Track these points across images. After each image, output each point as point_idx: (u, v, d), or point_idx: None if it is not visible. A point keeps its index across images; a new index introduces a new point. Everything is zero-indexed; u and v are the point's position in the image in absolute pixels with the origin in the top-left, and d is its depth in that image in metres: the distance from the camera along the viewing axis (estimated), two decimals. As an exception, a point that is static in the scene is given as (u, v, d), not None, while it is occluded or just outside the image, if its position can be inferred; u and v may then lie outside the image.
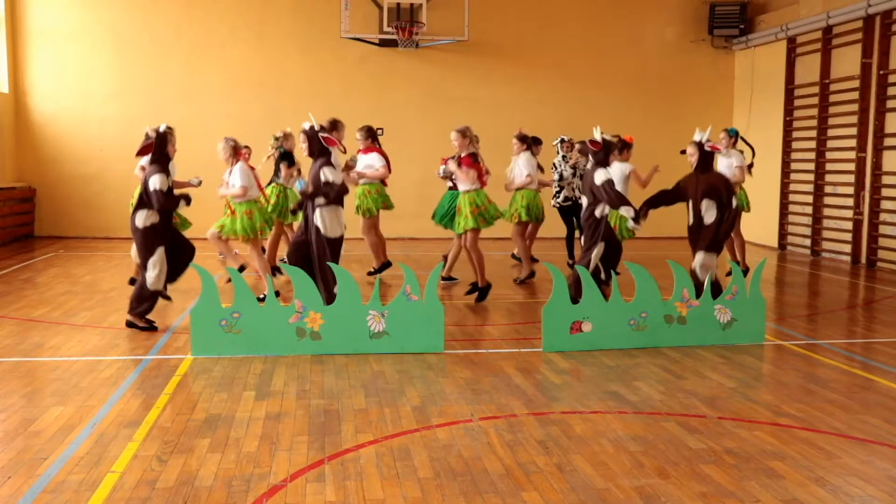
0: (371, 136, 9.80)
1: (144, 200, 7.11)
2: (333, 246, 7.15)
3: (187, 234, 7.97)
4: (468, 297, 8.88)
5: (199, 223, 9.94)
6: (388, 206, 9.93)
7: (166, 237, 7.22)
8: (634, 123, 15.20)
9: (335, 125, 8.87)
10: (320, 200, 7.08)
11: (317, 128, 7.20)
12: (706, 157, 7.40)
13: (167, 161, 7.22)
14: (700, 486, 3.99)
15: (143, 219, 7.11)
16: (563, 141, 10.98)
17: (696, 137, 7.46)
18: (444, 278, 9.66)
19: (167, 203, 7.08)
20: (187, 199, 7.26)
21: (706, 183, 7.30)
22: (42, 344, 6.78)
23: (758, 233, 15.24)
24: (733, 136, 10.48)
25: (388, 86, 15.23)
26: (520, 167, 9.80)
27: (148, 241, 7.14)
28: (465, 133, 8.67)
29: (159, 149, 7.15)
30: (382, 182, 9.87)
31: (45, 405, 5.15)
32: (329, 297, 6.75)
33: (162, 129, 7.17)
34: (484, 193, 8.69)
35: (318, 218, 7.11)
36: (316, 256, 7.14)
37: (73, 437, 4.58)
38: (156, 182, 7.01)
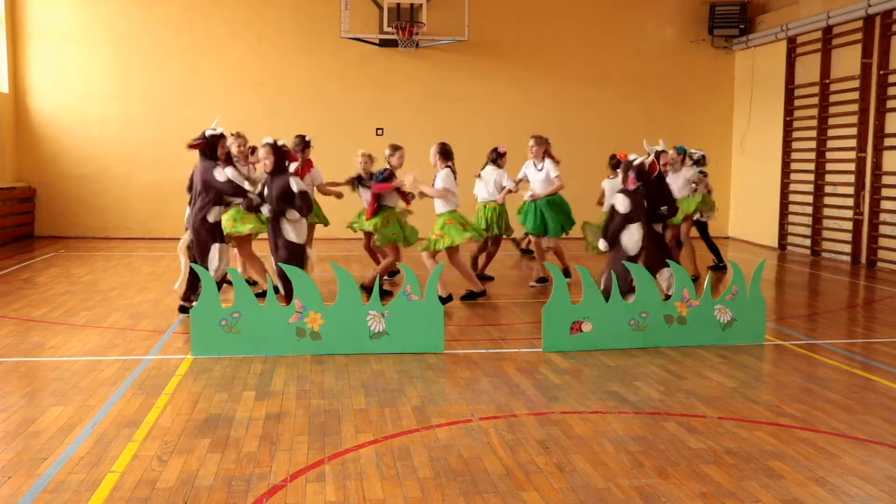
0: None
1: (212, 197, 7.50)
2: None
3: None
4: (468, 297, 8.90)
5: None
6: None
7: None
8: (634, 124, 15.22)
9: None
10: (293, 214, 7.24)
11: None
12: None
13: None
14: (700, 486, 3.99)
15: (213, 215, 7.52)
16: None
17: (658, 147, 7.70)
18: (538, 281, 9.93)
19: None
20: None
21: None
22: (42, 344, 6.78)
23: (758, 233, 15.25)
24: (682, 153, 10.32)
25: (388, 86, 15.23)
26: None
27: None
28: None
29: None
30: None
31: (45, 405, 5.15)
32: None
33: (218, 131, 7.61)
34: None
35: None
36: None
37: (73, 437, 4.58)
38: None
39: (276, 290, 6.59)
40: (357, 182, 9.27)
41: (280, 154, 7.29)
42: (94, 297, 8.84)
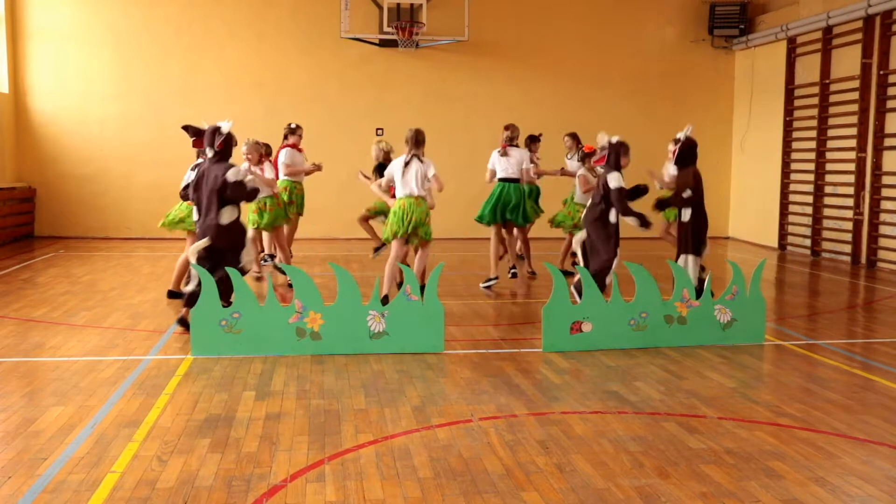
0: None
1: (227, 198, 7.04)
2: None
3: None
4: (468, 298, 8.89)
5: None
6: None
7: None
8: (634, 123, 15.22)
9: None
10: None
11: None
12: (684, 153, 7.51)
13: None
14: (700, 486, 3.99)
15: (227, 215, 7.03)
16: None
17: (680, 134, 7.60)
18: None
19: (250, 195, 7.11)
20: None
21: (680, 179, 7.49)
22: (42, 344, 6.78)
23: (758, 233, 15.25)
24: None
25: (388, 86, 15.23)
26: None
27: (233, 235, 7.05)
28: None
29: (226, 147, 7.09)
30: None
31: (45, 405, 5.15)
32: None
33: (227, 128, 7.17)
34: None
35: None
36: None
37: (73, 437, 4.58)
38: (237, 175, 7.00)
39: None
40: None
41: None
42: (94, 297, 8.84)
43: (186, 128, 7.32)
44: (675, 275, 6.88)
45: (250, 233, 7.39)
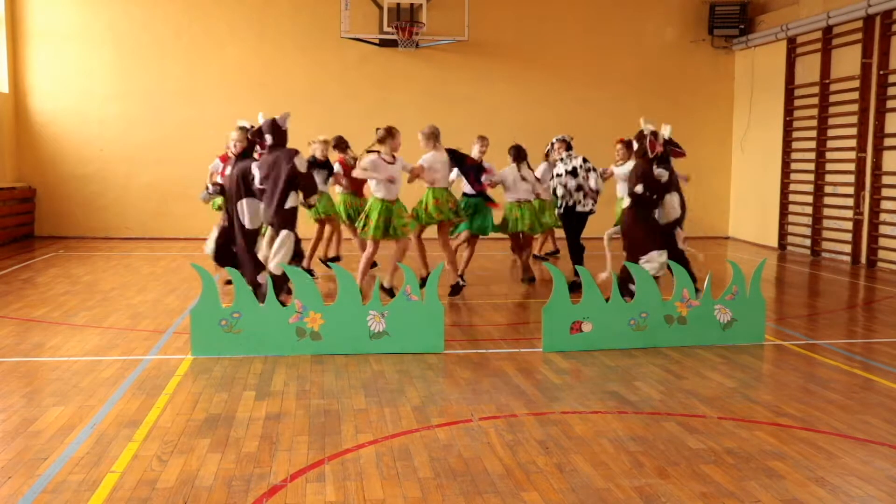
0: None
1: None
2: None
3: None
4: (468, 298, 8.89)
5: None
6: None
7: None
8: (634, 123, 15.18)
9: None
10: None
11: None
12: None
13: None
14: (700, 486, 3.99)
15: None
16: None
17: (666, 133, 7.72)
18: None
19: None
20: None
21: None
22: (42, 344, 6.78)
23: (758, 233, 15.25)
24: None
25: (388, 86, 15.23)
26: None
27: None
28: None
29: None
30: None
31: (45, 405, 5.15)
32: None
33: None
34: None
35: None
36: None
37: (73, 437, 4.58)
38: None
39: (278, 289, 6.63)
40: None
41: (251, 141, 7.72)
42: (94, 298, 8.84)
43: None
44: (675, 274, 6.88)
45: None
